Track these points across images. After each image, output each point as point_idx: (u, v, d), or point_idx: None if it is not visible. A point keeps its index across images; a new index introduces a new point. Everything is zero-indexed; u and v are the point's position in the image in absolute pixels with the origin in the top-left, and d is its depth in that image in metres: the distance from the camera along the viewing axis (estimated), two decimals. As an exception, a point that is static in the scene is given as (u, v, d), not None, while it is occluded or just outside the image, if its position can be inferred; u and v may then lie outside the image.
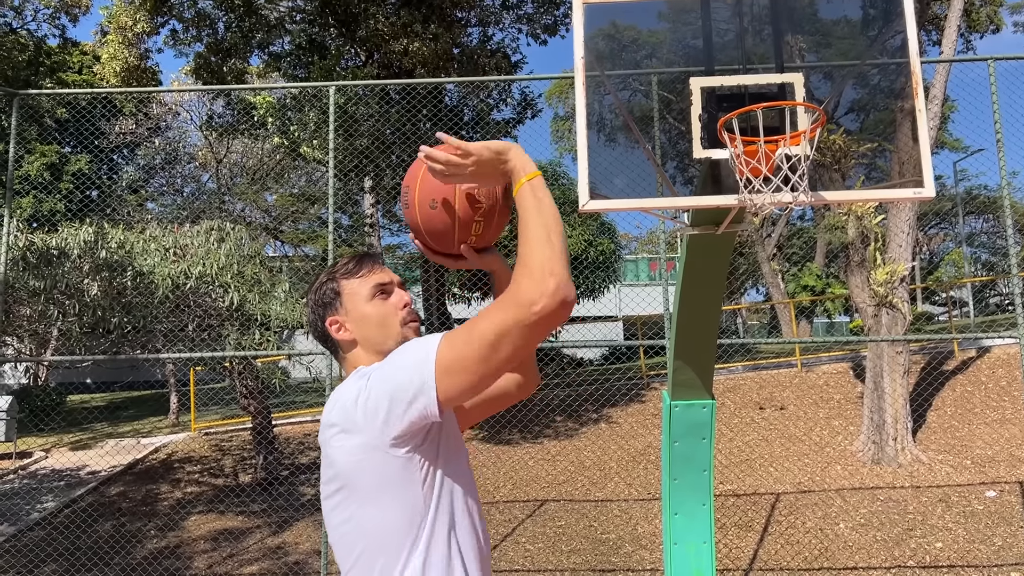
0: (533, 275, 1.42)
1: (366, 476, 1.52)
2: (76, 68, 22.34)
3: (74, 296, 7.81)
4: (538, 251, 1.45)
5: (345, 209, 22.13)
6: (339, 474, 1.56)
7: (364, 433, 1.50)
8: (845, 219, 9.91)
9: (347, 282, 1.72)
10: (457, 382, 1.45)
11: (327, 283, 1.74)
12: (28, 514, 9.88)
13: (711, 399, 4.56)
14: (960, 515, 8.06)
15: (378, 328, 1.69)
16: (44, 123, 21.02)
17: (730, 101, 3.28)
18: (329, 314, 1.72)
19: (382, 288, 1.71)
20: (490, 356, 1.44)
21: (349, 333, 1.71)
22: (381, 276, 1.73)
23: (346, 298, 1.71)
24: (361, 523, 1.55)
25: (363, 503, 1.54)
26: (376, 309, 1.70)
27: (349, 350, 1.71)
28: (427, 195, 1.71)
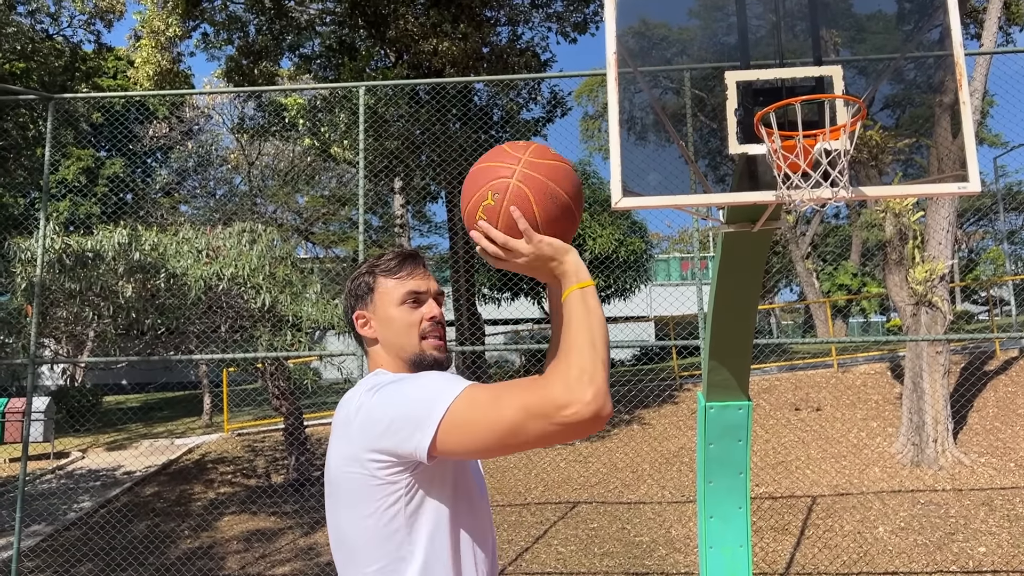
0: (570, 376, 1.35)
1: (348, 485, 1.52)
2: (111, 73, 22.67)
3: (109, 298, 7.90)
4: (580, 354, 1.38)
5: (375, 210, 22.24)
6: (331, 478, 1.58)
7: (354, 445, 1.50)
8: (882, 216, 9.72)
9: (384, 280, 1.69)
10: (458, 442, 1.41)
11: (365, 275, 1.71)
12: (65, 514, 10.01)
13: (747, 400, 4.47)
14: (1004, 519, 7.86)
15: (399, 334, 1.65)
16: (80, 127, 21.34)
17: (766, 96, 3.20)
18: (359, 307, 1.71)
19: (415, 295, 1.67)
20: (503, 438, 1.39)
21: (372, 331, 1.69)
22: (418, 283, 1.68)
23: (378, 296, 1.68)
24: (342, 529, 1.56)
25: (344, 511, 1.55)
26: (403, 315, 1.66)
27: (371, 346, 1.70)
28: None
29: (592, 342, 1.40)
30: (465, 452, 1.43)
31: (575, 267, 1.51)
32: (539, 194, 1.53)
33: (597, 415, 1.34)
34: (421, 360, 1.65)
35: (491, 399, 1.40)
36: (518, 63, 12.99)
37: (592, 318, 1.44)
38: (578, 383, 1.34)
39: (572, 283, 1.49)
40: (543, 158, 1.56)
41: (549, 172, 1.55)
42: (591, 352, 1.38)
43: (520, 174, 1.53)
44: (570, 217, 1.57)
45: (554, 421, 1.34)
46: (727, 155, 3.25)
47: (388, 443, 1.44)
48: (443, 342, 1.68)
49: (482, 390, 1.43)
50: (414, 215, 24.81)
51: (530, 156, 1.56)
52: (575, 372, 1.35)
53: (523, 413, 1.36)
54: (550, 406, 1.34)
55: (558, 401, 1.33)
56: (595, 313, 1.45)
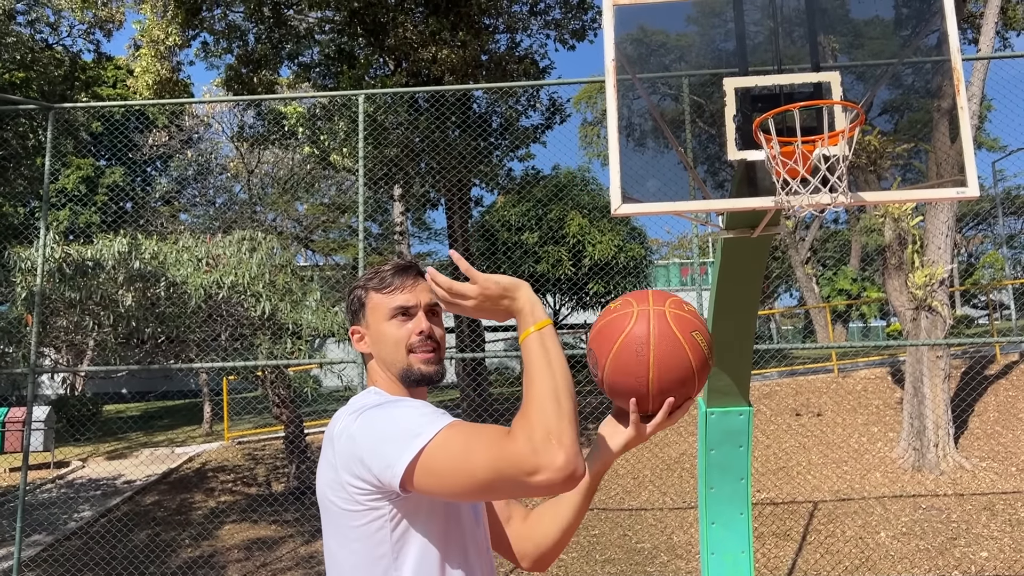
0: (535, 438, 1.28)
1: (333, 508, 1.52)
2: (110, 82, 22.71)
3: (109, 307, 7.89)
4: (543, 411, 1.32)
5: (375, 217, 22.25)
6: (319, 499, 1.58)
7: (336, 470, 1.49)
8: (882, 221, 9.72)
9: (374, 294, 1.68)
10: (430, 484, 1.38)
11: (357, 290, 1.72)
12: (65, 523, 9.99)
13: (748, 406, 4.47)
14: (1006, 523, 7.85)
15: (389, 349, 1.65)
16: (79, 137, 21.37)
17: (764, 102, 3.21)
18: (354, 322, 1.72)
19: (404, 310, 1.65)
20: (474, 491, 1.37)
21: (366, 346, 1.69)
22: (407, 297, 1.66)
23: (369, 311, 1.68)
24: (331, 549, 1.56)
25: (332, 532, 1.55)
26: (392, 330, 1.65)
27: (367, 360, 1.71)
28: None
29: (555, 395, 1.33)
30: (439, 495, 1.41)
31: (530, 304, 1.47)
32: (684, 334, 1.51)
33: (570, 478, 1.28)
34: (409, 375, 1.63)
35: (463, 449, 1.35)
36: (517, 70, 13.02)
37: (553, 365, 1.37)
38: (545, 447, 1.28)
39: (528, 324, 1.44)
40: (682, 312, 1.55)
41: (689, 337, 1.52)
42: (555, 408, 1.32)
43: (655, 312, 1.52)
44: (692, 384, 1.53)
45: (523, 484, 1.30)
46: (726, 161, 3.26)
47: (366, 472, 1.43)
48: (433, 355, 1.65)
49: (457, 436, 1.38)
50: (414, 222, 24.82)
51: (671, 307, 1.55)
52: (540, 433, 1.29)
53: (493, 472, 1.32)
54: (519, 470, 1.29)
55: (526, 466, 1.28)
56: (556, 359, 1.39)
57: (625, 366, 1.49)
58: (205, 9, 12.59)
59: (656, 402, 1.51)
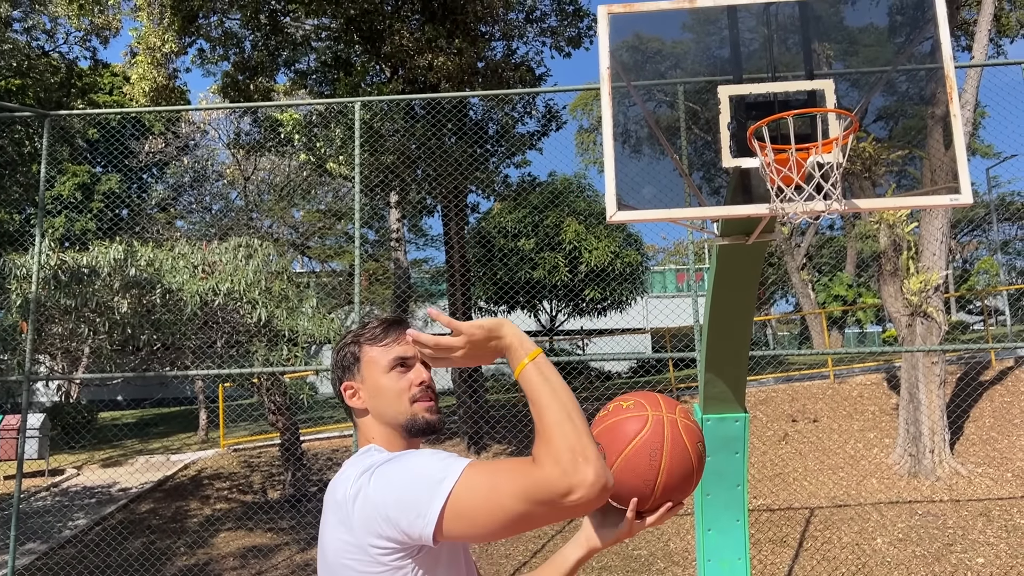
0: (562, 461, 1.31)
1: (350, 571, 1.47)
2: (107, 89, 22.72)
3: (104, 314, 7.88)
4: (563, 433, 1.34)
5: (371, 224, 22.22)
6: (327, 563, 1.52)
7: (355, 533, 1.45)
8: (877, 227, 9.75)
9: (369, 348, 1.66)
10: (462, 528, 1.38)
11: (350, 346, 1.69)
12: (60, 532, 9.95)
13: (744, 412, 4.47)
14: (1002, 529, 7.85)
15: (391, 402, 1.63)
16: (75, 144, 21.36)
17: (759, 109, 3.22)
18: (346, 378, 1.68)
19: (402, 360, 1.64)
20: (509, 525, 1.36)
21: (361, 401, 1.66)
22: (404, 349, 1.65)
23: (364, 365, 1.66)
24: None
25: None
26: (392, 382, 1.63)
27: (361, 417, 1.67)
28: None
29: (568, 416, 1.36)
30: (471, 538, 1.41)
31: (518, 339, 1.50)
32: (691, 443, 1.59)
33: (603, 491, 1.31)
34: (414, 424, 1.62)
35: (491, 486, 1.36)
36: (513, 78, 13.05)
37: (557, 389, 1.41)
38: (573, 466, 1.30)
39: (521, 358, 1.46)
40: (689, 433, 1.61)
41: (681, 448, 1.59)
42: (572, 427, 1.35)
43: (668, 420, 1.59)
44: (688, 481, 1.60)
45: (560, 506, 1.31)
46: (721, 168, 3.27)
47: (393, 530, 1.41)
48: (434, 404, 1.65)
49: (482, 474, 1.39)
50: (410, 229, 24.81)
51: (683, 417, 1.62)
52: (566, 455, 1.31)
53: (526, 503, 1.32)
54: (553, 494, 1.31)
55: (560, 489, 1.30)
56: (557, 383, 1.42)
57: (636, 468, 1.55)
58: (201, 16, 12.60)
59: (654, 503, 1.59)
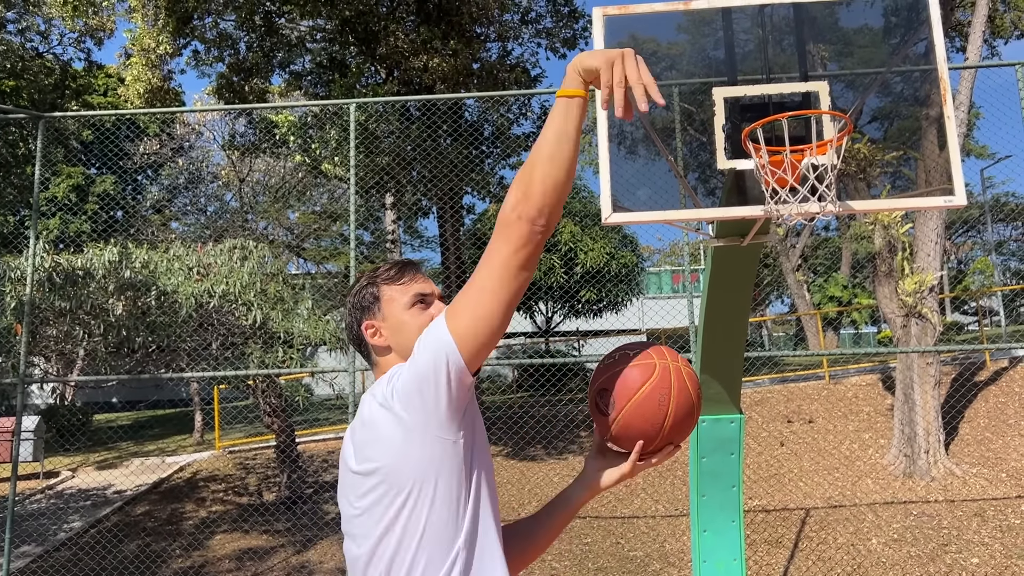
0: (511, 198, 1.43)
1: (411, 465, 1.47)
2: (101, 90, 22.67)
3: (99, 316, 7.86)
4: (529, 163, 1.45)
5: (367, 226, 22.23)
6: (374, 476, 1.50)
7: (405, 421, 1.47)
8: (871, 229, 9.77)
9: (388, 288, 1.69)
10: (474, 339, 1.44)
11: (367, 287, 1.72)
12: (55, 534, 9.92)
13: (739, 413, 4.48)
14: (996, 529, 7.87)
15: (413, 336, 1.63)
16: (70, 145, 21.31)
17: (753, 111, 3.23)
18: (366, 318, 1.70)
19: (422, 298, 1.69)
20: (506, 294, 1.45)
21: (384, 339, 1.68)
22: (423, 286, 1.70)
23: (385, 304, 1.69)
24: (400, 523, 1.48)
25: (408, 500, 1.48)
26: (414, 318, 1.66)
27: (383, 355, 1.69)
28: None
29: (552, 153, 1.44)
30: (491, 340, 1.46)
31: (580, 69, 1.50)
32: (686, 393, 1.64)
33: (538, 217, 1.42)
34: None
35: (466, 289, 1.46)
36: (508, 79, 13.06)
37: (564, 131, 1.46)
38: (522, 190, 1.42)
39: (565, 86, 1.51)
40: (692, 380, 1.66)
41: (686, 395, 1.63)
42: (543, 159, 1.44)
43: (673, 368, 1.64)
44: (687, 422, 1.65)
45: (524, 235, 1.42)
46: (716, 169, 3.27)
47: (435, 394, 1.45)
48: None
49: (459, 296, 1.48)
50: (405, 230, 24.82)
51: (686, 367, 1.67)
52: (523, 180, 1.43)
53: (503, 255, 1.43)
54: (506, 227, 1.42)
55: (506, 218, 1.42)
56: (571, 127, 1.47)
57: (645, 413, 1.60)
58: (196, 17, 12.59)
59: (658, 445, 1.66)
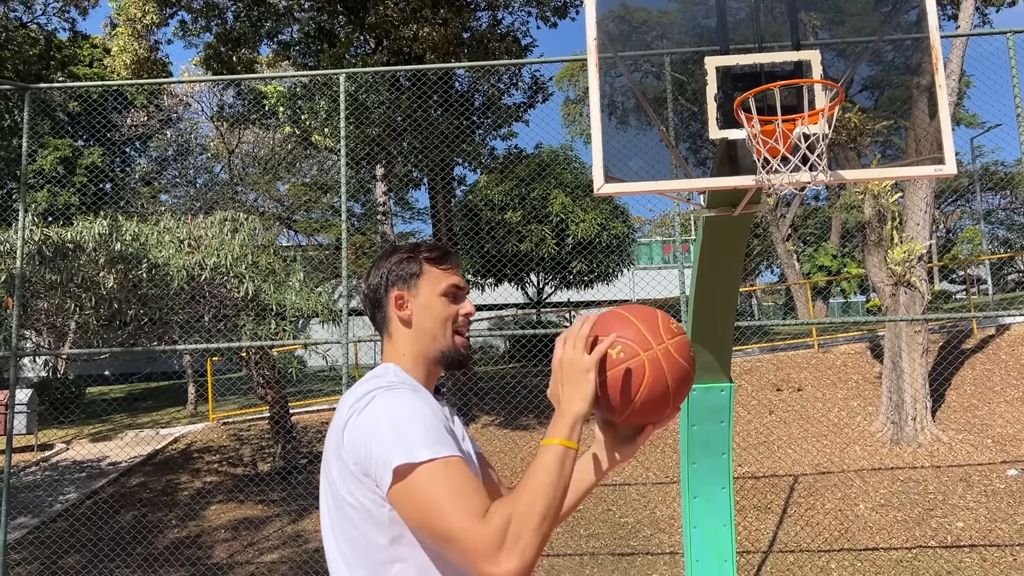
0: (506, 538, 1.33)
1: (342, 487, 1.53)
2: (87, 61, 22.39)
3: (90, 289, 7.85)
4: (528, 516, 1.36)
5: (357, 197, 22.12)
6: (328, 477, 1.58)
7: (342, 455, 1.52)
8: (861, 198, 9.80)
9: (430, 268, 1.70)
10: (399, 501, 1.43)
11: (410, 260, 1.71)
12: (51, 506, 9.98)
13: (729, 382, 4.53)
14: (981, 494, 8.00)
15: (436, 324, 1.67)
16: (56, 117, 21.10)
17: (745, 80, 3.23)
18: (400, 287, 1.70)
19: (456, 290, 1.70)
20: (426, 531, 1.42)
21: (409, 314, 1.68)
22: (459, 279, 1.72)
23: (424, 282, 1.69)
24: (335, 531, 1.56)
25: (338, 515, 1.55)
26: (443, 306, 1.68)
27: (396, 329, 1.69)
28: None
29: (546, 512, 1.38)
30: (399, 513, 1.45)
31: (573, 420, 1.48)
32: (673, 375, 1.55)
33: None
34: (448, 354, 1.67)
35: (443, 495, 1.39)
36: (499, 48, 12.95)
37: (559, 486, 1.41)
38: (510, 550, 1.33)
39: (563, 434, 1.46)
40: (682, 353, 1.58)
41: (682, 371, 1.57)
42: (539, 521, 1.36)
43: (662, 353, 1.54)
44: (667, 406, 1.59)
45: (472, 563, 1.35)
46: (708, 139, 3.28)
47: (363, 464, 1.48)
48: (467, 341, 1.72)
49: (446, 478, 1.40)
50: (397, 202, 24.73)
51: (674, 343, 1.57)
52: (512, 536, 1.34)
53: (452, 535, 1.37)
54: (475, 552, 1.34)
55: (483, 552, 1.33)
56: (564, 484, 1.42)
57: (652, 405, 1.55)
58: (182, -13, 12.43)
59: (666, 418, 1.62)
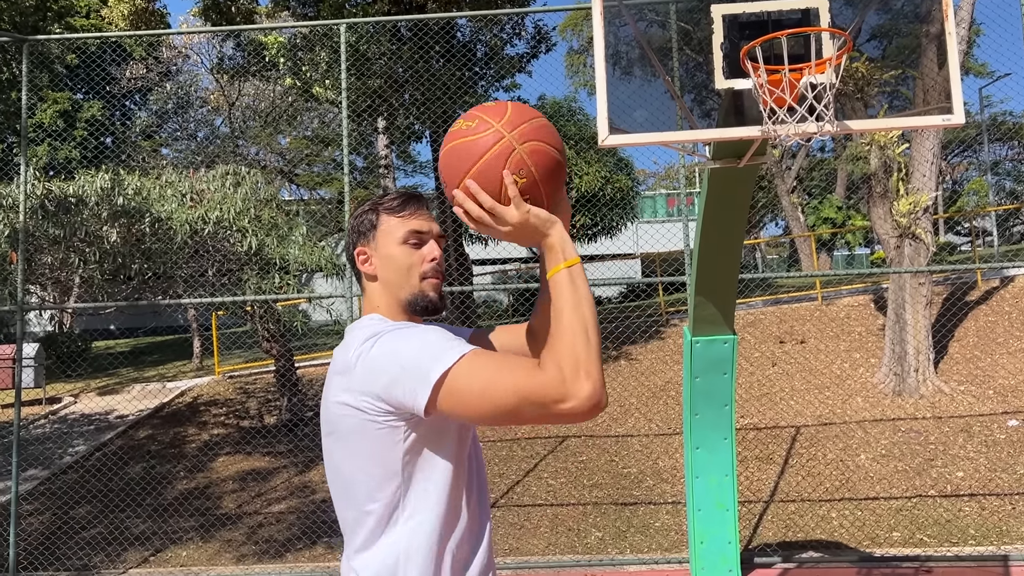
0: (564, 370, 1.34)
1: (346, 426, 1.54)
2: (84, 12, 22.09)
3: (94, 243, 7.85)
4: (574, 344, 1.37)
5: (359, 151, 21.99)
6: (329, 419, 1.60)
7: (354, 392, 1.51)
8: (868, 149, 9.72)
9: (387, 217, 1.68)
10: (453, 406, 1.42)
11: (368, 212, 1.71)
12: (60, 458, 10.12)
13: (732, 334, 4.54)
14: (982, 444, 8.07)
15: (399, 273, 1.66)
16: (55, 70, 20.88)
17: (752, 29, 3.18)
18: (360, 243, 1.70)
19: (418, 235, 1.67)
20: (497, 415, 1.41)
21: (372, 267, 1.69)
22: (420, 223, 1.68)
23: (380, 233, 1.68)
24: (340, 468, 1.59)
25: (342, 451, 1.57)
26: (404, 254, 1.66)
27: (367, 285, 1.70)
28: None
29: (585, 330, 1.38)
30: (460, 417, 1.45)
31: (561, 242, 1.49)
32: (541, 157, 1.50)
33: (595, 408, 1.35)
34: (418, 301, 1.65)
35: (490, 375, 1.40)
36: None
37: (583, 303, 1.42)
38: (574, 378, 1.34)
39: (559, 261, 1.47)
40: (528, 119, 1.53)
41: (543, 134, 1.52)
42: (585, 342, 1.37)
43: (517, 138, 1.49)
44: (562, 173, 1.56)
45: (550, 412, 1.35)
46: (713, 90, 3.24)
47: (388, 394, 1.46)
48: (441, 284, 1.69)
49: (483, 362, 1.42)
50: (398, 155, 24.56)
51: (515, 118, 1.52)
52: (570, 365, 1.34)
53: (518, 398, 1.36)
54: (546, 398, 1.34)
55: (554, 395, 1.34)
56: (585, 297, 1.43)
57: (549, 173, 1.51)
58: (179, -65, 12.18)
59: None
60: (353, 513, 1.58)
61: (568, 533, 6.82)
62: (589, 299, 1.44)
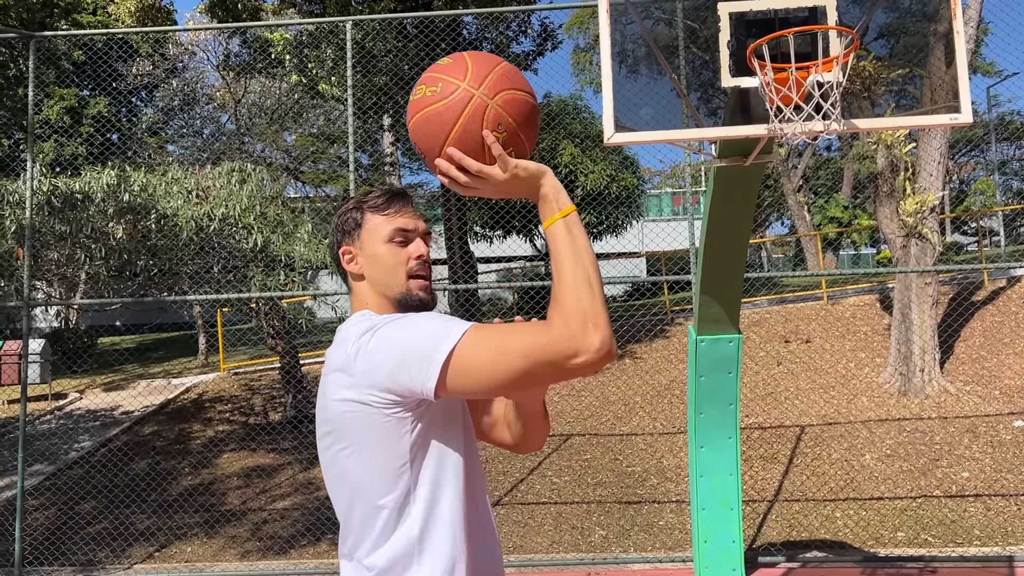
0: (571, 324, 1.34)
1: (351, 424, 1.52)
2: (90, 9, 22.12)
3: (100, 240, 7.87)
4: (578, 296, 1.36)
5: (365, 148, 22.00)
6: (329, 419, 1.57)
7: (358, 385, 1.49)
8: (874, 148, 9.69)
9: (372, 216, 1.67)
10: (465, 383, 1.41)
11: (352, 211, 1.69)
12: (66, 453, 10.15)
13: (738, 333, 4.53)
14: (987, 445, 8.05)
15: (385, 272, 1.64)
16: (61, 66, 20.92)
17: (759, 27, 3.17)
18: (345, 242, 1.69)
19: (403, 233, 1.65)
20: (509, 382, 1.40)
21: (358, 267, 1.67)
22: (406, 221, 1.66)
23: (365, 232, 1.66)
24: (346, 469, 1.56)
25: (348, 450, 1.55)
26: (389, 253, 1.64)
27: (354, 284, 1.69)
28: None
29: (587, 279, 1.38)
30: (472, 393, 1.45)
31: (554, 191, 1.47)
32: (515, 106, 1.47)
33: (606, 358, 1.34)
34: (407, 300, 1.64)
35: (497, 344, 1.39)
36: (507, -6, 12.74)
37: (582, 253, 1.41)
38: (583, 330, 1.33)
39: (553, 211, 1.45)
40: (492, 68, 1.49)
41: (511, 81, 1.49)
42: (589, 293, 1.36)
43: (488, 92, 1.45)
44: (537, 116, 1.54)
45: (563, 368, 1.35)
46: (720, 88, 3.24)
47: (395, 382, 1.44)
48: (429, 282, 1.67)
49: (487, 333, 1.41)
50: (404, 152, 24.56)
51: (478, 71, 1.47)
52: (577, 318, 1.34)
53: (529, 361, 1.36)
54: (558, 355, 1.34)
55: (565, 351, 1.33)
56: (584, 247, 1.42)
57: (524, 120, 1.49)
58: (185, -68, 12.20)
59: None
60: (362, 510, 1.55)
61: (572, 531, 6.82)
62: (588, 248, 1.43)
